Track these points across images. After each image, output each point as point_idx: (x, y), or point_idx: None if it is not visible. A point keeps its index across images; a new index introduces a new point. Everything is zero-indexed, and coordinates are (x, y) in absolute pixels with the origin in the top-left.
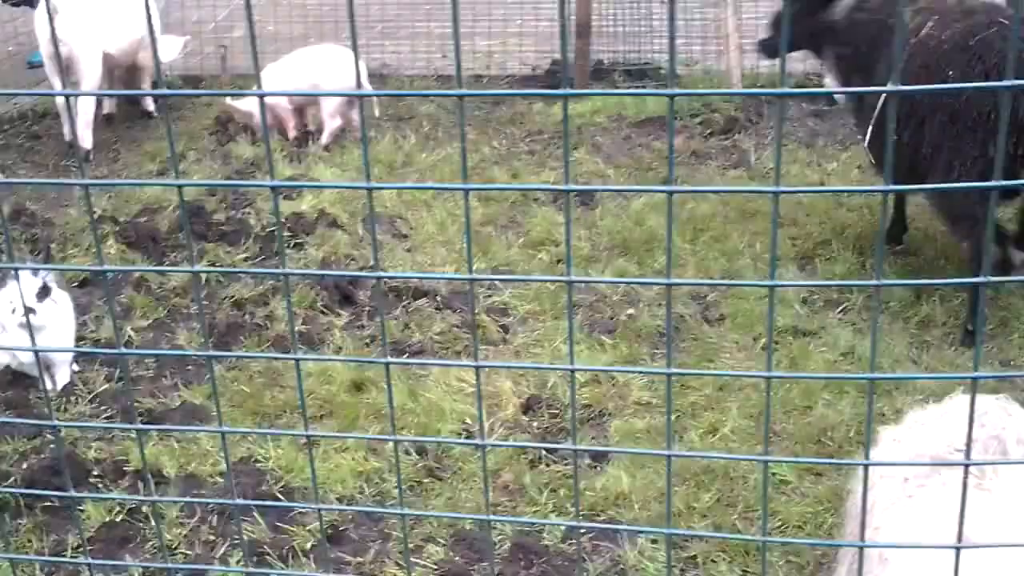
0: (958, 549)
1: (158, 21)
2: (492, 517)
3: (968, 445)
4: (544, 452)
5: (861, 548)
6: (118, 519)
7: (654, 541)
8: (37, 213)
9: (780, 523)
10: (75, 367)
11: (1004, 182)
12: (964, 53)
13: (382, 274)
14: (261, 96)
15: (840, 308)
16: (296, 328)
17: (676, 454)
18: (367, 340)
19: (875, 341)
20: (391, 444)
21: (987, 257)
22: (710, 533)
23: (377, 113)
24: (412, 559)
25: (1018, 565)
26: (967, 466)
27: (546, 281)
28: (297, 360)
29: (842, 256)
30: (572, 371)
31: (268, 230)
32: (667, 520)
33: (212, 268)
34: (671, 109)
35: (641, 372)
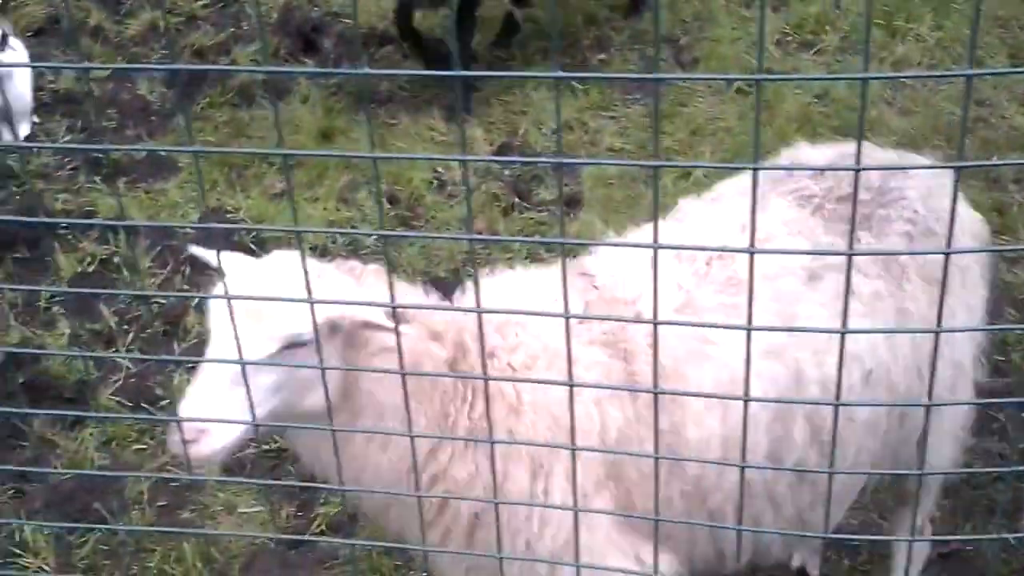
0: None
1: None
2: (474, 236)
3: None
4: (517, 199)
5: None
6: (90, 269)
7: None
8: None
9: None
10: (35, 118)
11: None
12: None
13: None
14: None
15: (814, 50)
16: (261, 78)
17: (661, 165)
18: (333, 88)
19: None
20: (363, 194)
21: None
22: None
23: None
24: None
25: None
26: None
27: None
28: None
29: None
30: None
31: None
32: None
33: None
34: None
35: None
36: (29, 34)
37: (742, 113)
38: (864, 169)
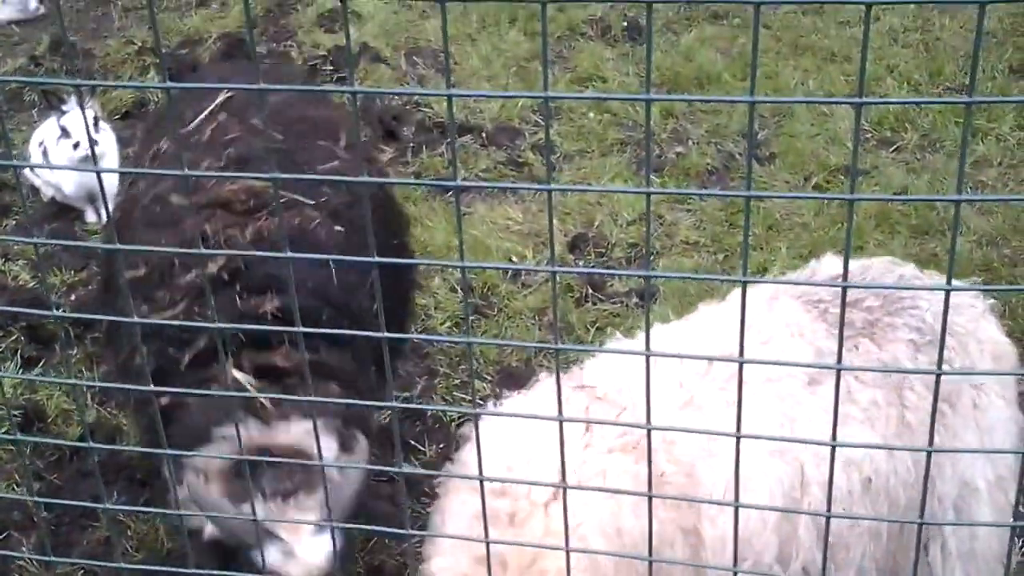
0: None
1: None
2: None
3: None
4: (590, 290)
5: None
6: None
7: None
8: (77, 45)
9: None
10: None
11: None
12: None
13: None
14: None
15: (893, 147)
16: None
17: (654, 275)
18: (412, 176)
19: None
20: (436, 281)
21: None
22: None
23: None
24: (457, 394)
25: None
26: None
27: (524, 96)
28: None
29: (896, 94)
30: (550, 190)
31: (310, 63)
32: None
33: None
34: None
35: (623, 191)
36: (117, 117)
37: (819, 209)
38: (850, 287)
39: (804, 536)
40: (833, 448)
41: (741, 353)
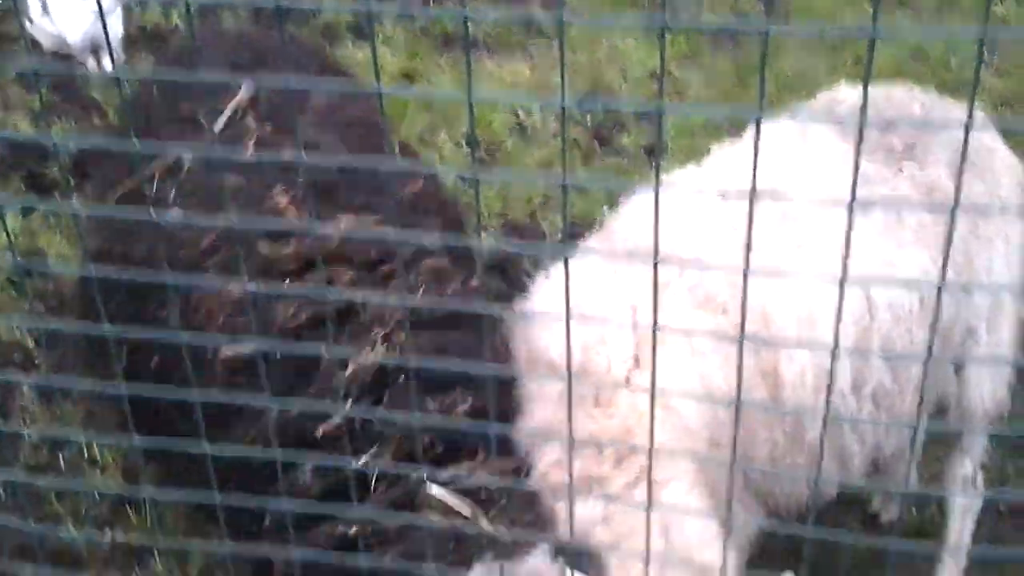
0: None
1: None
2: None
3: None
4: (598, 147)
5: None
6: None
7: None
8: None
9: None
10: (123, 55)
11: None
12: None
13: None
14: None
15: (911, 7)
16: (343, 18)
17: (668, 107)
18: (416, 31)
19: None
20: (442, 136)
21: None
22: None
23: None
24: None
25: None
26: None
27: None
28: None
29: None
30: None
31: None
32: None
33: None
34: None
35: (635, 26)
36: None
37: (833, 68)
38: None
39: (875, 361)
40: (842, 283)
41: (753, 190)
